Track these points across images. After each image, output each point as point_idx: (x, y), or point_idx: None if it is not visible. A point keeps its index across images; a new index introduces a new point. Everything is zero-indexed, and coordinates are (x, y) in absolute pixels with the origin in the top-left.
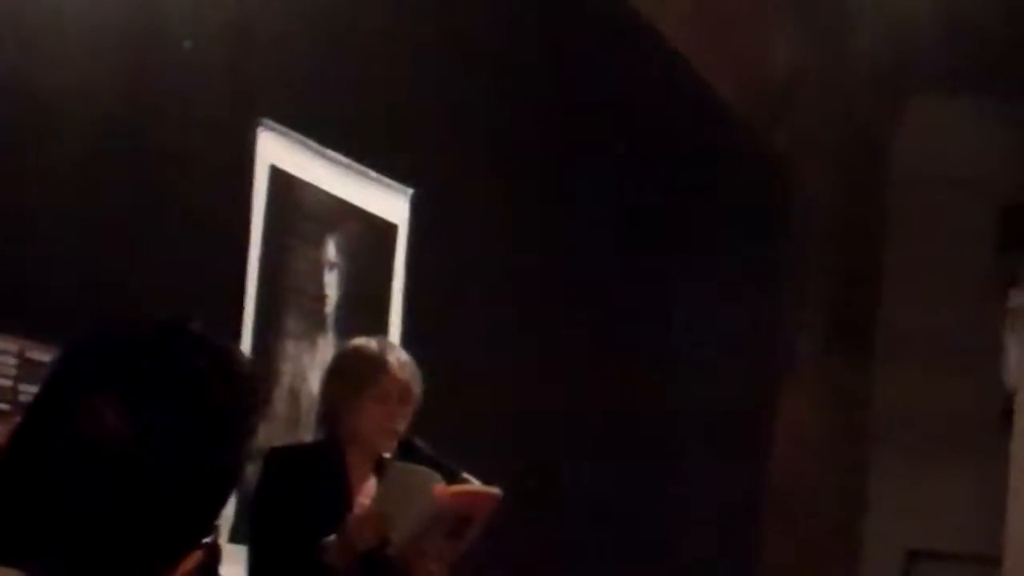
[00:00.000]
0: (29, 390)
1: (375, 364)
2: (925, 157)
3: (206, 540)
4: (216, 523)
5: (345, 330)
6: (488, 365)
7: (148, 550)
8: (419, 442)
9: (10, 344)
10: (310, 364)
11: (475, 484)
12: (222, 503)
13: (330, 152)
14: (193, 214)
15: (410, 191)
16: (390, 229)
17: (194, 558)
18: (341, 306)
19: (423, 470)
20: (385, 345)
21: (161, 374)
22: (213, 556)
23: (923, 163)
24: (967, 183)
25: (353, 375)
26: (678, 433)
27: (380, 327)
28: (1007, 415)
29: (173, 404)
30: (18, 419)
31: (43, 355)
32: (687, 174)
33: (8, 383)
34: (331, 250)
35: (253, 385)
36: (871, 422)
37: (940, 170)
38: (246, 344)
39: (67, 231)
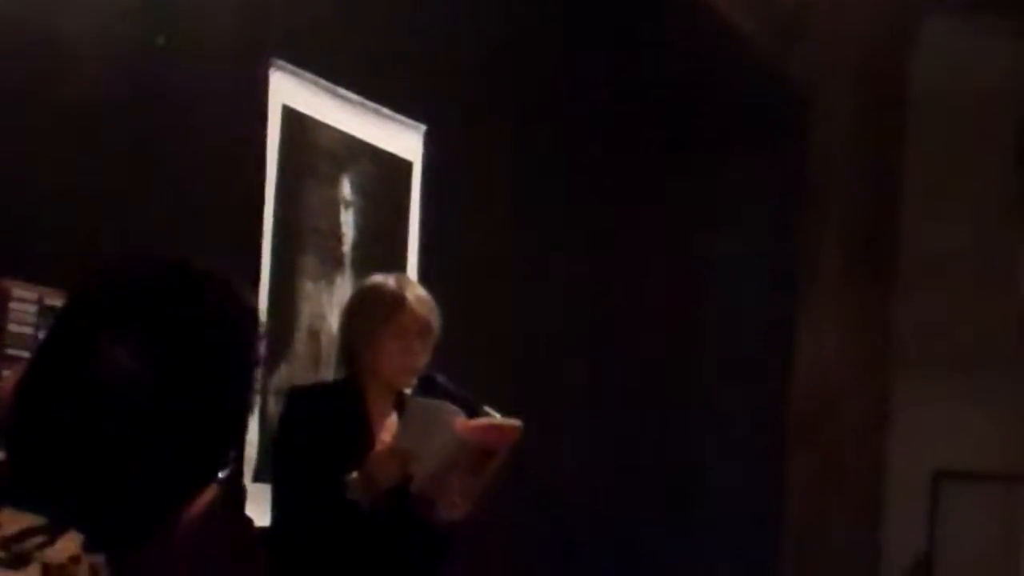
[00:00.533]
0: None
1: (393, 301)
2: (942, 76)
3: (222, 475)
4: (231, 457)
5: (362, 268)
6: (506, 299)
7: (164, 487)
8: (439, 377)
9: (29, 291)
10: (328, 303)
11: (496, 417)
12: (235, 437)
13: (342, 91)
14: (207, 156)
15: (423, 128)
16: (404, 166)
17: (211, 492)
18: (358, 244)
19: (444, 405)
20: (403, 281)
21: (168, 312)
22: (238, 496)
23: (940, 82)
24: (985, 101)
25: (371, 312)
26: (702, 356)
27: (397, 264)
28: None
29: (181, 340)
30: (26, 362)
31: (62, 302)
32: (703, 101)
33: (28, 330)
34: (346, 188)
35: (256, 317)
36: (893, 343)
37: (957, 89)
38: (264, 285)
39: (82, 176)
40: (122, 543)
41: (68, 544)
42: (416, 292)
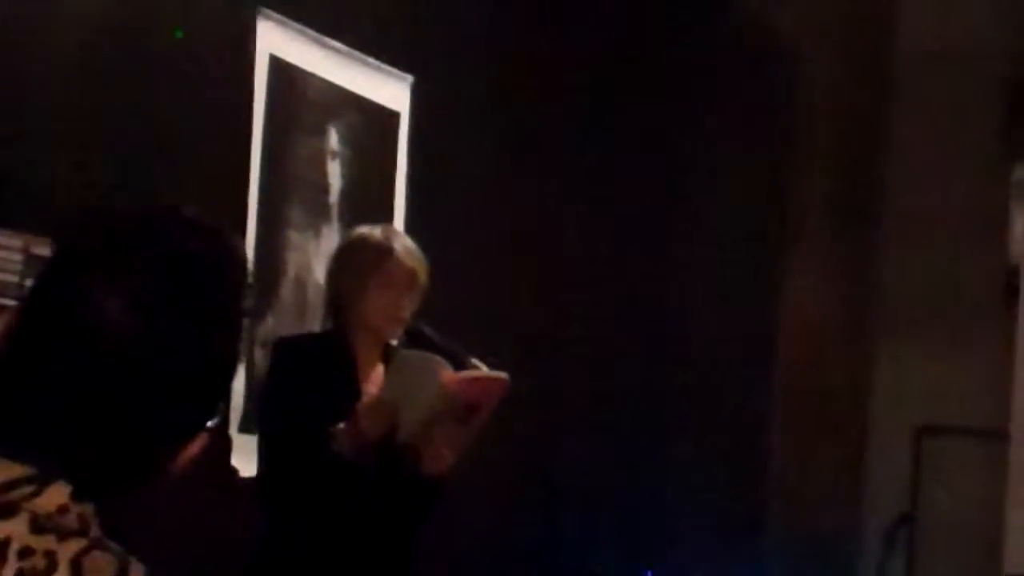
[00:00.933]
0: None
1: (381, 251)
2: (930, 31)
3: (210, 424)
4: (220, 406)
5: (349, 219)
6: (492, 250)
7: (152, 436)
8: (426, 329)
9: (14, 239)
10: (315, 254)
11: (483, 369)
12: (224, 385)
13: (330, 40)
14: (194, 105)
15: (410, 78)
16: (391, 117)
17: (200, 442)
18: (345, 195)
19: (430, 357)
20: (390, 232)
21: (156, 259)
22: (224, 446)
23: (928, 37)
24: (973, 57)
25: (359, 263)
26: (684, 309)
27: (384, 215)
28: (1012, 289)
29: (170, 289)
30: (14, 313)
31: (47, 250)
32: (689, 54)
33: (13, 279)
34: (333, 139)
35: (245, 264)
36: (877, 298)
37: (945, 44)
38: (251, 235)
39: (69, 125)
40: (110, 492)
41: (56, 494)
42: (404, 243)
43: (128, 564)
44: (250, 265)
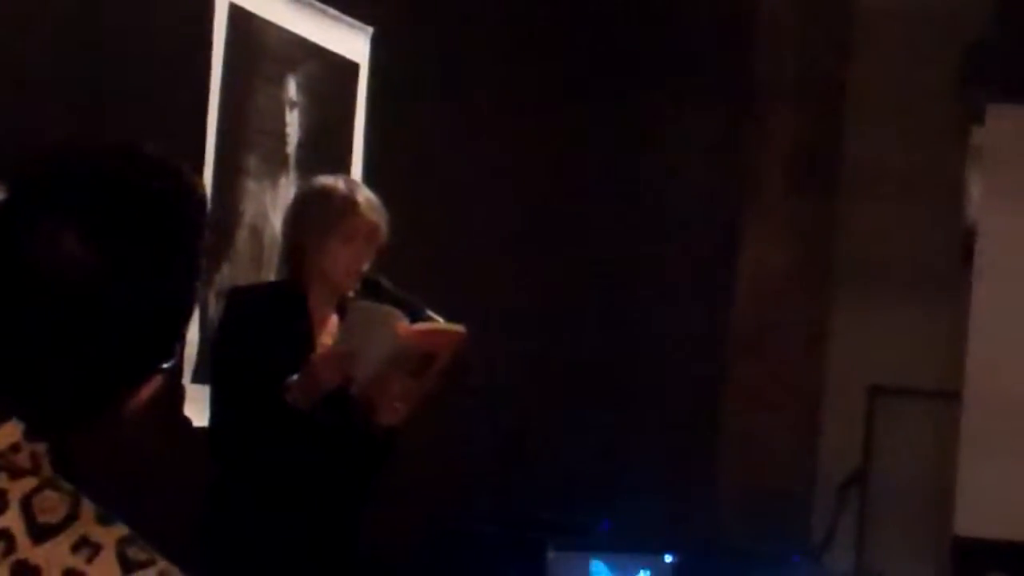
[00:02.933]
0: None
1: (344, 204)
2: None
3: (166, 365)
4: (175, 348)
5: (307, 169)
6: (450, 204)
7: (109, 376)
8: (383, 281)
9: None
10: (272, 203)
11: (439, 322)
12: (180, 325)
13: None
14: (153, 54)
15: (370, 29)
16: (351, 68)
17: (153, 384)
18: (303, 145)
19: (386, 308)
20: (352, 185)
21: (116, 197)
22: (177, 396)
23: (888, 1)
24: (930, 19)
25: (322, 215)
26: (644, 269)
27: (342, 166)
28: (968, 252)
29: (129, 227)
30: None
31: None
32: (649, 15)
33: None
34: (292, 89)
35: (204, 203)
36: (834, 259)
37: (903, 6)
38: (208, 184)
39: (27, 72)
40: (63, 431)
41: (9, 432)
42: (366, 195)
43: (80, 504)
44: (209, 204)
